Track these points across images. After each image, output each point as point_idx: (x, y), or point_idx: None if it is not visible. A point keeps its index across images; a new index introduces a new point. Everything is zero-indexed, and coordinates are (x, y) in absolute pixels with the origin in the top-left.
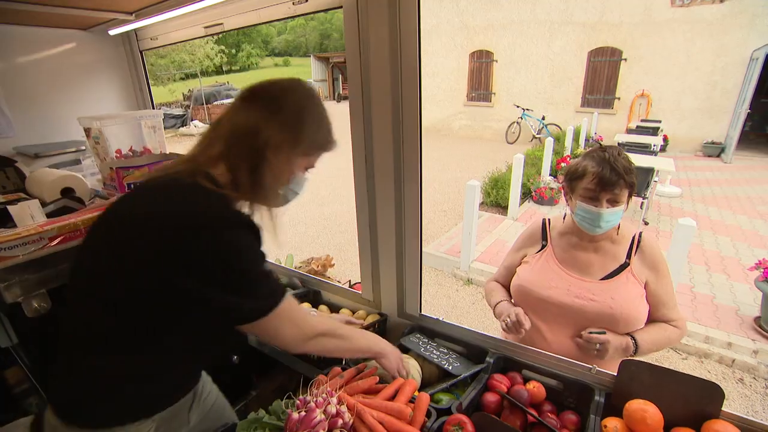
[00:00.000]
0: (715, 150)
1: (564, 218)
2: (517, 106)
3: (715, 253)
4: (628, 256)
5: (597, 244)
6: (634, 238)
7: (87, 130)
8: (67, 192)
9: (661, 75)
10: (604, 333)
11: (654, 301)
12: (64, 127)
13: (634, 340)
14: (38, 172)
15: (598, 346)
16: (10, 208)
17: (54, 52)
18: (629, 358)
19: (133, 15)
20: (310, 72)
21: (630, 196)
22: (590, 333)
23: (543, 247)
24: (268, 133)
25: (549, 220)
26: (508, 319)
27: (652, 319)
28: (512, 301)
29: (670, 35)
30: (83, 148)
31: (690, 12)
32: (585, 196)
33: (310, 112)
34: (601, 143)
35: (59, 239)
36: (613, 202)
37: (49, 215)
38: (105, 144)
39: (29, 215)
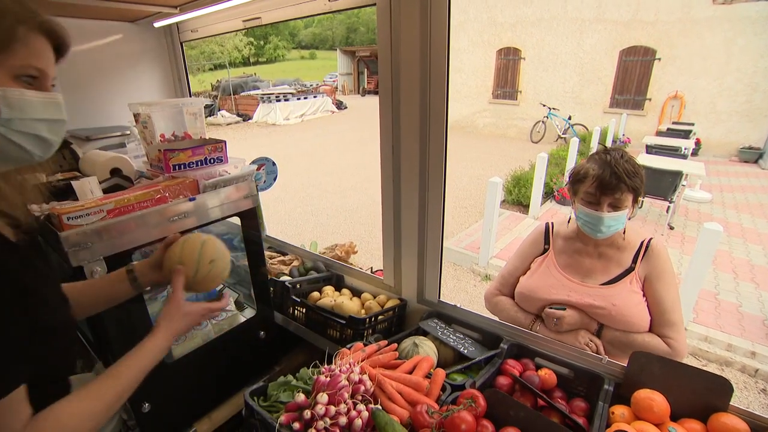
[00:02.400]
0: (752, 155)
1: (569, 222)
2: (544, 105)
3: (745, 261)
4: (634, 261)
5: (601, 250)
6: (642, 243)
7: (136, 116)
8: (115, 172)
9: (697, 76)
10: (564, 309)
11: (655, 311)
12: (110, 113)
13: (600, 326)
14: (91, 153)
15: (555, 320)
16: (73, 183)
17: (102, 42)
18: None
19: (178, 9)
20: (336, 65)
21: (635, 200)
22: (550, 308)
23: (545, 251)
24: None
25: (552, 224)
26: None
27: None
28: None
29: (709, 34)
30: (128, 132)
31: (733, 9)
32: (586, 200)
33: None
34: (604, 145)
35: (115, 212)
36: (615, 207)
37: (104, 191)
38: (152, 128)
39: (89, 190)
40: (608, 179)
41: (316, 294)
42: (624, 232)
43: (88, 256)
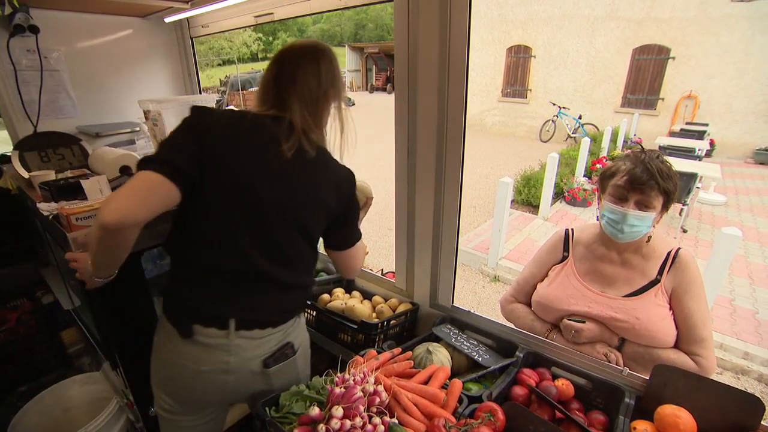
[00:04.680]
0: None
1: (597, 219)
2: (554, 104)
3: (762, 267)
4: (660, 272)
5: (624, 257)
6: (669, 254)
7: (146, 113)
8: (125, 170)
9: (712, 75)
10: (584, 322)
11: (682, 327)
12: (120, 109)
13: (622, 341)
14: (100, 150)
15: (573, 332)
16: (83, 182)
17: (113, 38)
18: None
19: (189, 4)
20: (345, 62)
21: (665, 205)
22: (569, 320)
23: (564, 258)
24: (331, 90)
25: (572, 230)
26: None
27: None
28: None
29: (726, 32)
30: (137, 129)
31: (752, 6)
32: (613, 194)
33: (337, 66)
34: (641, 145)
35: None
36: (643, 206)
37: (113, 190)
38: (162, 126)
39: (99, 189)
40: (639, 174)
41: (326, 296)
42: (648, 239)
43: None
